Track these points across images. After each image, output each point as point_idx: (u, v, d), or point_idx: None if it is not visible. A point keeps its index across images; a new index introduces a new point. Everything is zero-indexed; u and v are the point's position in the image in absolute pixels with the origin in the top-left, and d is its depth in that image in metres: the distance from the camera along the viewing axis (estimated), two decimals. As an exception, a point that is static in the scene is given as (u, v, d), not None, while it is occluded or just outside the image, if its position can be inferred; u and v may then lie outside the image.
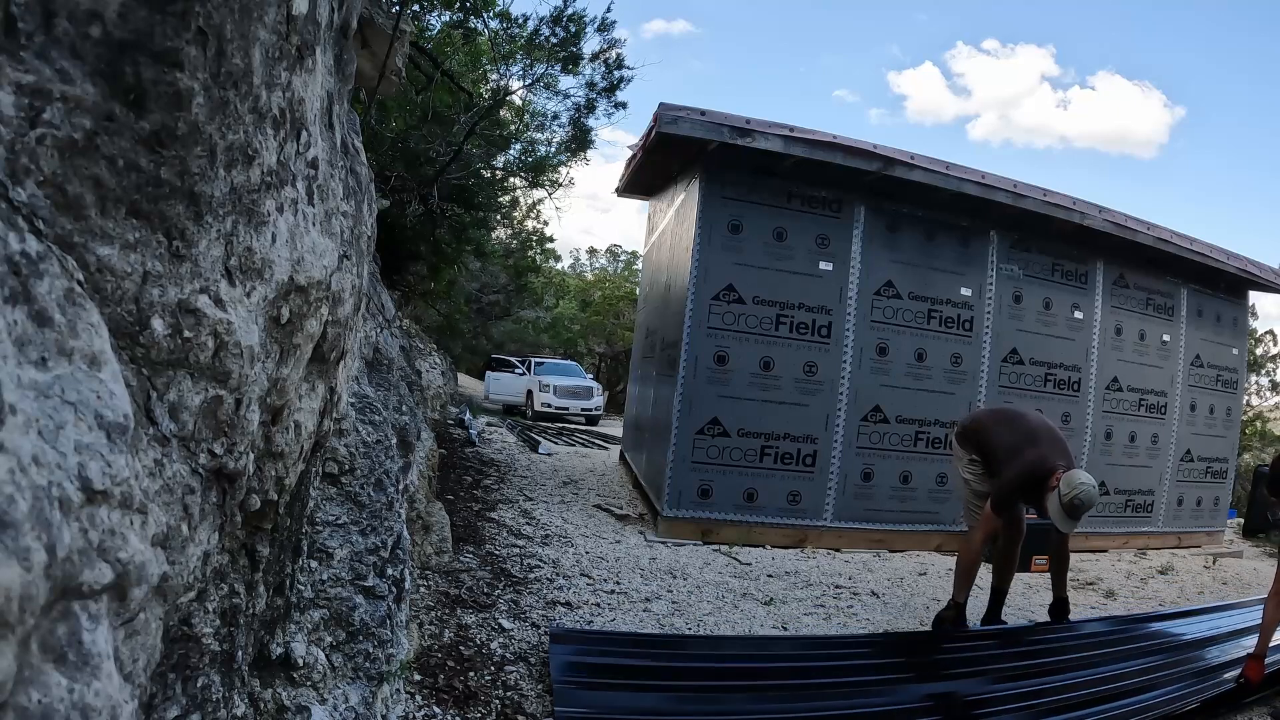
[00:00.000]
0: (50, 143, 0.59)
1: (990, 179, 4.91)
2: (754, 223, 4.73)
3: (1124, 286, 5.88)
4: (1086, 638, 3.21)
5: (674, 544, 4.40)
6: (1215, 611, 3.79)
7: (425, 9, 6.60)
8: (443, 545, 3.22)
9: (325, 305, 1.15)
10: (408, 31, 2.88)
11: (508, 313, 21.06)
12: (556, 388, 15.25)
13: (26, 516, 0.47)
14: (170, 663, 0.88)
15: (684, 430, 4.64)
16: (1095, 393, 5.70)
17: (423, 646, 2.30)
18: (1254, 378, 18.34)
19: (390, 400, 2.48)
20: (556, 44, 7.34)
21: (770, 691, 2.39)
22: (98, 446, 0.57)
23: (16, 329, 0.52)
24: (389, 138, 6.43)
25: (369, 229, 1.61)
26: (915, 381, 5.01)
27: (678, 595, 3.38)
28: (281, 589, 1.32)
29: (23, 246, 0.54)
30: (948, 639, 3.07)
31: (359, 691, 1.45)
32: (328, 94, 1.16)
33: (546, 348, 25.16)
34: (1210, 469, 6.61)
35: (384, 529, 1.70)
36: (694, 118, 4.43)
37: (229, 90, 0.75)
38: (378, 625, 1.54)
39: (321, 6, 0.99)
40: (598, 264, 41.95)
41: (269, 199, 0.88)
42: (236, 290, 0.83)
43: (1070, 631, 3.29)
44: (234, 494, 0.92)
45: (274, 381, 1.00)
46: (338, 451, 1.71)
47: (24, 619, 0.47)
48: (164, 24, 0.66)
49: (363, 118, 3.23)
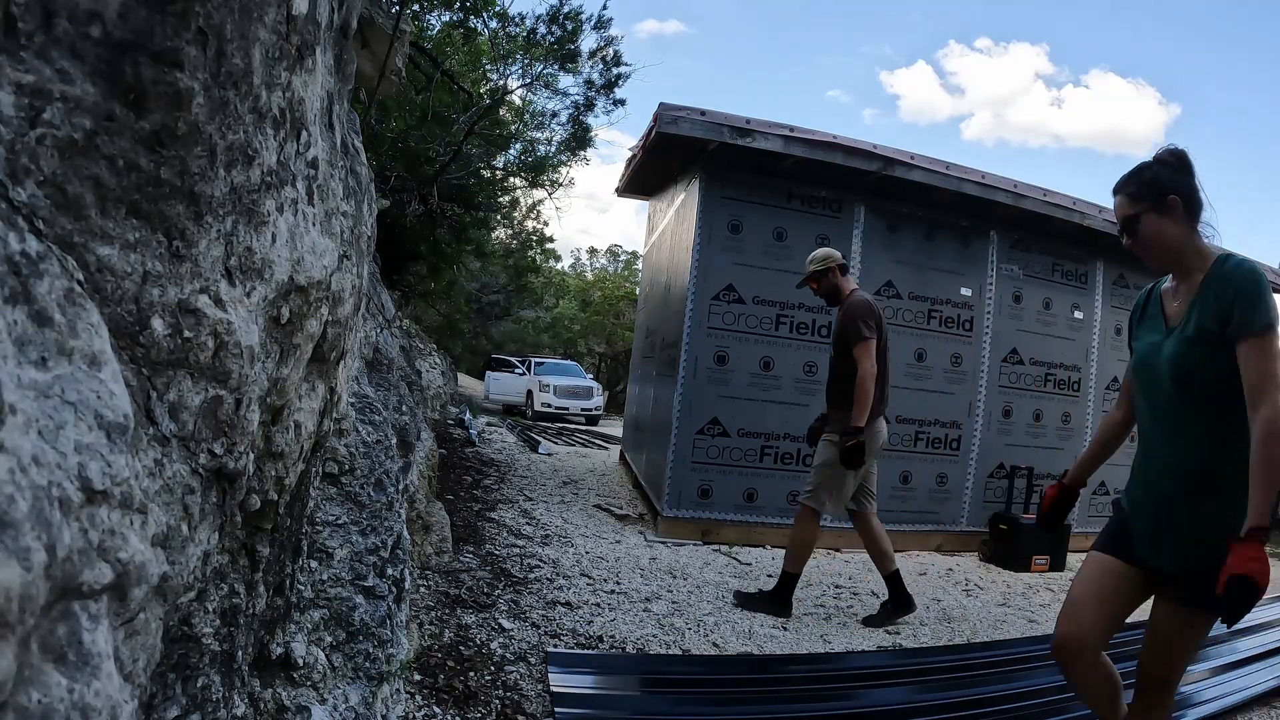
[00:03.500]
0: (50, 143, 0.59)
1: (990, 179, 4.91)
2: (754, 223, 4.73)
3: (1124, 286, 5.88)
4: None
5: (674, 544, 4.40)
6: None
7: (425, 9, 6.60)
8: (443, 545, 3.22)
9: (325, 305, 1.15)
10: (408, 31, 2.88)
11: (508, 313, 21.08)
12: (556, 388, 15.26)
13: (26, 516, 0.47)
14: (170, 663, 0.88)
15: (684, 430, 4.64)
16: (1095, 393, 5.70)
17: (423, 646, 2.30)
18: (1254, 378, 18.30)
19: (390, 400, 2.48)
20: (554, 42, 7.35)
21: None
22: (98, 446, 0.57)
23: (17, 329, 0.52)
24: (389, 138, 6.43)
25: (369, 229, 1.61)
26: (915, 381, 5.01)
27: (678, 595, 3.38)
28: (281, 589, 1.32)
29: (23, 246, 0.54)
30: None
31: (359, 691, 1.45)
32: (328, 94, 1.16)
33: (546, 348, 25.19)
34: (1210, 469, 6.61)
35: (384, 529, 1.70)
36: (694, 118, 4.43)
37: (229, 90, 0.75)
38: (378, 625, 1.54)
39: (321, 6, 0.99)
40: (598, 264, 41.96)
41: (269, 199, 0.88)
42: (236, 290, 0.83)
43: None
44: (234, 494, 0.92)
45: (274, 381, 1.00)
46: (338, 451, 1.71)
47: (24, 619, 0.47)
48: (164, 24, 0.66)
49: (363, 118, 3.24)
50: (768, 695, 2.38)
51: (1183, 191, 1.53)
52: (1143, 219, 1.55)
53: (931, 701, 2.41)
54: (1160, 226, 1.54)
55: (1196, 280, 1.51)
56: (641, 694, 2.32)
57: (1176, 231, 1.53)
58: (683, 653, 2.69)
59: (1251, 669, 2.92)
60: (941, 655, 2.91)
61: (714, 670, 2.56)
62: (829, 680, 2.56)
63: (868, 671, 2.65)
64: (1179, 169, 1.55)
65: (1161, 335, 1.56)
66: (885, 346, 3.34)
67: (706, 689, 2.38)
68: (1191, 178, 1.55)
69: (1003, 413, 5.34)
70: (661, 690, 2.35)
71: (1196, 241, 1.54)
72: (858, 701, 2.40)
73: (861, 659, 2.79)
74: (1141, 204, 1.55)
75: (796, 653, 2.84)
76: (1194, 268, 1.52)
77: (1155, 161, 1.58)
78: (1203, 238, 1.54)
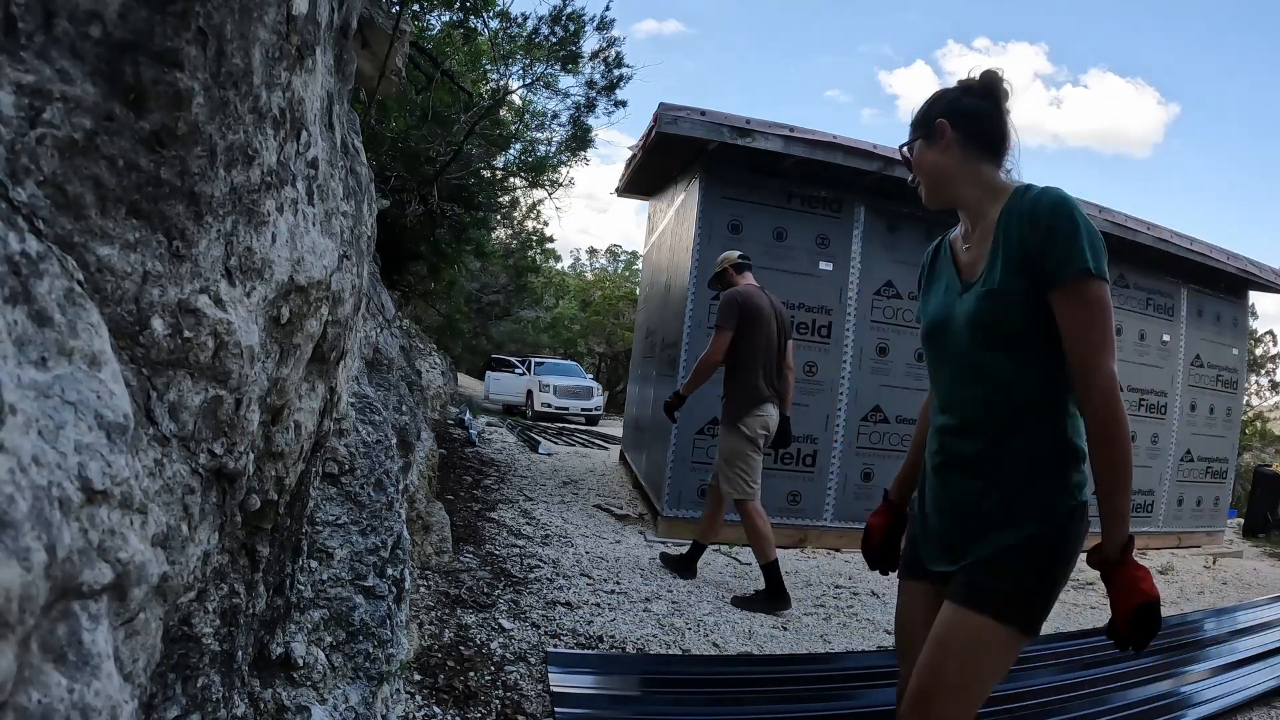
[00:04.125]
0: (50, 143, 0.59)
1: (990, 179, 4.91)
2: (754, 223, 4.73)
3: (1124, 286, 5.88)
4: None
5: (674, 544, 4.40)
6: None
7: (425, 9, 6.60)
8: (443, 545, 3.22)
9: (325, 305, 1.15)
10: (408, 31, 2.88)
11: (508, 313, 21.07)
12: (556, 388, 15.26)
13: (26, 516, 0.47)
14: (170, 663, 0.88)
15: (684, 430, 4.64)
16: (1095, 393, 5.70)
17: (423, 646, 2.30)
18: (1254, 378, 18.37)
19: (390, 400, 2.48)
20: (556, 43, 7.35)
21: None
22: (98, 446, 0.57)
23: (16, 329, 0.52)
24: (389, 138, 6.43)
25: (369, 229, 1.61)
26: (916, 382, 5.01)
27: (678, 595, 3.37)
28: (281, 589, 1.32)
29: (23, 246, 0.54)
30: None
31: (359, 691, 1.45)
32: (328, 94, 1.16)
33: (546, 348, 25.19)
34: (1210, 469, 6.62)
35: (384, 529, 1.70)
36: (694, 118, 4.43)
37: (229, 90, 0.75)
38: (378, 625, 1.54)
39: (321, 6, 0.99)
40: (598, 264, 41.98)
41: (269, 199, 0.88)
42: (236, 290, 0.83)
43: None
44: (234, 494, 0.92)
45: (274, 381, 1.00)
46: (338, 451, 1.71)
47: (24, 619, 0.47)
48: (164, 24, 0.66)
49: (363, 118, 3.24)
50: (768, 695, 2.38)
51: (963, 115, 1.26)
52: (915, 150, 1.32)
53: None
54: (928, 156, 1.29)
55: (993, 221, 1.21)
56: (641, 694, 2.32)
57: (947, 162, 1.26)
58: (683, 653, 2.69)
59: (1251, 669, 2.92)
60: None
61: (714, 670, 2.56)
62: (829, 680, 2.56)
63: (868, 671, 2.65)
64: (970, 92, 1.29)
65: (956, 293, 1.26)
66: (766, 341, 3.57)
67: (706, 689, 2.38)
68: (987, 101, 1.27)
69: (1003, 413, 5.34)
70: (661, 690, 2.35)
71: (987, 175, 1.25)
72: (858, 701, 2.39)
73: (861, 659, 2.79)
74: (915, 132, 1.32)
75: (796, 653, 2.84)
76: (987, 208, 1.24)
77: (952, 86, 1.32)
78: (1000, 172, 1.26)
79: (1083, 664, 2.83)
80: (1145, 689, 2.61)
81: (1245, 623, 3.67)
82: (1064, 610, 3.93)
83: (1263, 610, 3.98)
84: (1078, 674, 2.72)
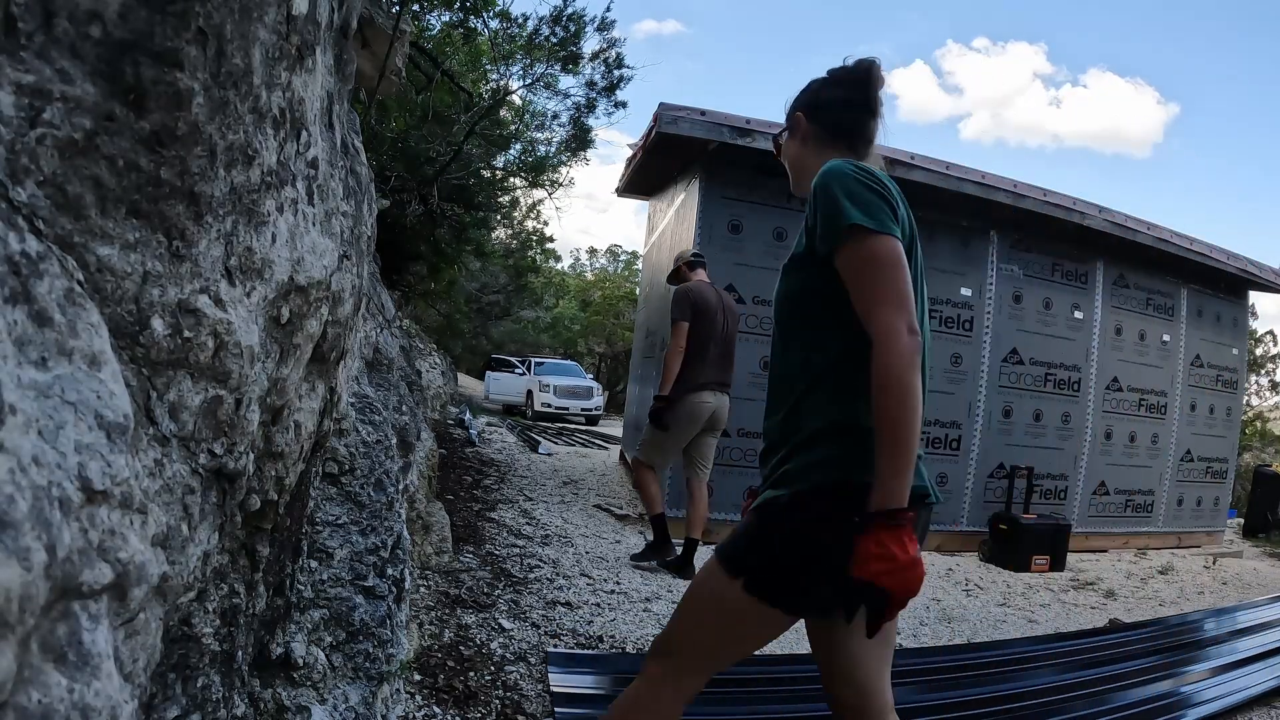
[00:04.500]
0: (50, 143, 0.59)
1: (990, 179, 4.91)
2: (754, 223, 4.73)
3: (1124, 286, 5.88)
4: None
5: (675, 544, 4.40)
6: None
7: (425, 9, 6.59)
8: (443, 545, 3.22)
9: (325, 305, 1.15)
10: (408, 31, 2.88)
11: (508, 313, 21.08)
12: (556, 388, 15.26)
13: (26, 516, 0.47)
14: (170, 663, 0.88)
15: (684, 430, 4.63)
16: (1095, 392, 5.70)
17: (423, 646, 2.30)
18: (1254, 378, 18.36)
19: (390, 400, 2.48)
20: (556, 43, 7.35)
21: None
22: (98, 446, 0.57)
23: (16, 329, 0.52)
24: (389, 138, 6.43)
25: (369, 229, 1.61)
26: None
27: (678, 595, 3.37)
28: (281, 589, 1.32)
29: (23, 246, 0.54)
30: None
31: (359, 691, 1.45)
32: (328, 94, 1.16)
33: (546, 348, 25.20)
34: (1210, 469, 6.62)
35: (384, 529, 1.70)
36: (694, 118, 4.43)
37: (229, 90, 0.75)
38: (378, 625, 1.54)
39: (321, 6, 0.99)
40: (598, 264, 42.01)
41: (269, 199, 0.88)
42: (236, 290, 0.83)
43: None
44: (234, 494, 0.92)
45: (274, 381, 1.00)
46: (338, 451, 1.71)
47: (24, 619, 0.47)
48: (164, 24, 0.66)
49: (363, 118, 3.24)
50: (768, 695, 2.38)
51: (821, 107, 1.25)
52: (784, 139, 1.32)
53: (932, 701, 2.41)
54: (789, 147, 1.31)
55: None
56: (641, 694, 2.32)
57: (804, 154, 1.27)
58: (683, 653, 2.69)
59: (1251, 669, 2.92)
60: (941, 655, 2.91)
61: (714, 670, 2.56)
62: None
63: (868, 671, 2.65)
64: (835, 83, 1.26)
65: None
66: (713, 332, 3.72)
67: (706, 688, 2.37)
68: (853, 93, 1.24)
69: (1003, 413, 5.34)
70: (661, 690, 2.35)
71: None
72: (858, 701, 2.40)
73: (861, 659, 2.79)
74: (785, 123, 1.31)
75: (797, 653, 2.84)
76: None
77: (820, 76, 1.31)
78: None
79: (1083, 664, 2.83)
80: (1145, 689, 2.61)
81: (1245, 623, 3.67)
82: (1064, 610, 3.93)
83: (1263, 610, 3.98)
84: (1078, 674, 2.72)
